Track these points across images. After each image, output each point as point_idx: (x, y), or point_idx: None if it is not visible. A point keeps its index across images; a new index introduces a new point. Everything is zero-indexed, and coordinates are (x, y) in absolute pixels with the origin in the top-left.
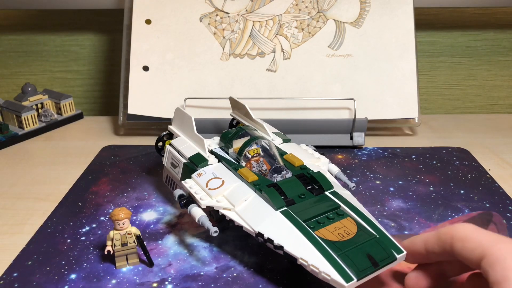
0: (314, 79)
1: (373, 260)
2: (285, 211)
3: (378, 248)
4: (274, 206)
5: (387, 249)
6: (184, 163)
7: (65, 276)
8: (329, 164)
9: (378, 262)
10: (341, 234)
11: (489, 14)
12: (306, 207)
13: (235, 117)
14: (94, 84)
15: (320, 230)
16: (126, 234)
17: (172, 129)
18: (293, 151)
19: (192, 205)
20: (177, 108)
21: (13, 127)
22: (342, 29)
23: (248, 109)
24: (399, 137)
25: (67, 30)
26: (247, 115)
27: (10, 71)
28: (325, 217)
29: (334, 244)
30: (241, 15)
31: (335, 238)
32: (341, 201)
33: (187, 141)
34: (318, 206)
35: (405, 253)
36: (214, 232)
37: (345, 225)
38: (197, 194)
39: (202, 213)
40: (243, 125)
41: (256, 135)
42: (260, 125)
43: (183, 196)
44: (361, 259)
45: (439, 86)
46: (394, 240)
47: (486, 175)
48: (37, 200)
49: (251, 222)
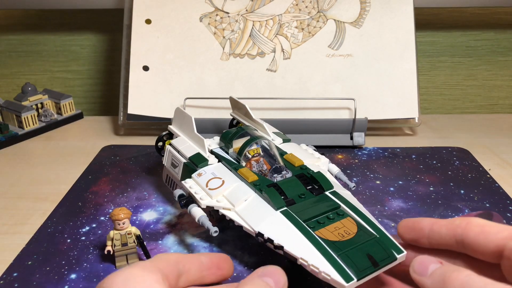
0: (314, 79)
1: (373, 260)
2: (285, 211)
3: (378, 248)
4: (274, 206)
5: (387, 249)
6: (184, 163)
7: (65, 276)
8: (329, 164)
9: (378, 262)
10: (341, 234)
11: (489, 14)
12: (306, 207)
13: (235, 117)
14: (94, 84)
15: (320, 230)
16: (126, 234)
17: (172, 129)
18: (293, 151)
19: (192, 205)
20: (177, 108)
21: (13, 127)
22: (342, 29)
23: (248, 109)
24: (399, 137)
25: (67, 30)
26: (247, 115)
27: (10, 71)
28: (325, 217)
29: (334, 244)
30: (241, 15)
31: (335, 238)
32: (341, 201)
33: (187, 141)
34: (318, 206)
35: (405, 253)
36: (214, 232)
37: (345, 225)
38: (197, 194)
39: (202, 213)
40: (243, 125)
41: (256, 135)
42: (260, 125)
43: (183, 196)
44: (361, 259)
45: (439, 86)
46: (394, 240)
47: (486, 175)
48: (37, 200)
49: (251, 222)
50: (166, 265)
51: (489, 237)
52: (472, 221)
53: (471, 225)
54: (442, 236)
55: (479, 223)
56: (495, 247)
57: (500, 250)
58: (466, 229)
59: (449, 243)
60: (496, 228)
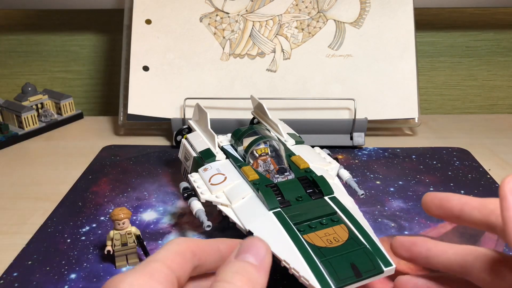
0: (314, 79)
1: (357, 270)
2: (278, 212)
3: (365, 258)
4: (267, 206)
5: (375, 261)
6: (194, 157)
7: (65, 276)
8: (341, 169)
9: (362, 273)
10: (330, 240)
11: (489, 14)
12: (301, 210)
13: (255, 116)
14: (94, 84)
15: (309, 234)
16: (126, 234)
17: (190, 124)
18: (302, 153)
19: (193, 198)
20: (197, 103)
21: (13, 127)
22: (342, 29)
23: (265, 108)
24: (399, 137)
25: (67, 30)
26: (265, 114)
27: (10, 71)
28: (318, 222)
29: (319, 249)
30: (241, 15)
31: (323, 244)
32: (338, 207)
33: (201, 136)
34: (313, 210)
35: (394, 267)
36: (206, 226)
37: (337, 232)
38: (199, 188)
39: (200, 207)
40: (261, 123)
41: (266, 135)
42: (275, 125)
43: (187, 188)
44: (344, 268)
45: (439, 86)
46: (385, 253)
47: (486, 175)
48: (37, 200)
49: (244, 220)
50: (179, 264)
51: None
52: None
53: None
54: (474, 219)
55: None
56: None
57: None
58: (499, 218)
59: (481, 226)
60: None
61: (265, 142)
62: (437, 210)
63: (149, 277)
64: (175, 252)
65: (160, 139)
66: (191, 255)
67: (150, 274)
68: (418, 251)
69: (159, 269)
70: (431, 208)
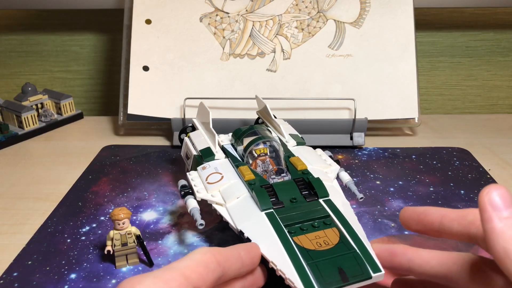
0: (314, 79)
1: (344, 275)
2: (270, 213)
3: (353, 263)
4: (260, 206)
5: (363, 266)
6: (194, 156)
7: (65, 276)
8: (341, 172)
9: (349, 278)
10: (319, 243)
11: (489, 14)
12: (294, 211)
13: (260, 116)
14: (94, 84)
15: (299, 236)
16: (126, 234)
17: (194, 122)
18: (302, 155)
19: (189, 197)
20: (201, 102)
21: (13, 127)
22: (342, 29)
23: (269, 108)
24: (399, 137)
25: (67, 30)
26: (268, 114)
27: (10, 71)
28: (310, 224)
29: (307, 252)
30: (241, 15)
31: (312, 246)
32: (332, 210)
33: (203, 135)
34: (306, 212)
35: (382, 273)
36: (199, 224)
37: (327, 235)
38: (196, 186)
39: (195, 205)
40: (266, 123)
41: (265, 135)
42: (278, 125)
43: (185, 186)
44: (331, 272)
45: (439, 86)
46: (375, 258)
47: (486, 175)
48: (37, 200)
49: (236, 219)
50: (201, 274)
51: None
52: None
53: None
54: (454, 231)
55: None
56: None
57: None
58: (480, 228)
59: (462, 238)
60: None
61: (264, 142)
62: (417, 225)
63: (165, 284)
64: (198, 262)
65: (160, 139)
66: (215, 265)
67: (166, 281)
68: (399, 262)
69: (176, 278)
70: (409, 223)
